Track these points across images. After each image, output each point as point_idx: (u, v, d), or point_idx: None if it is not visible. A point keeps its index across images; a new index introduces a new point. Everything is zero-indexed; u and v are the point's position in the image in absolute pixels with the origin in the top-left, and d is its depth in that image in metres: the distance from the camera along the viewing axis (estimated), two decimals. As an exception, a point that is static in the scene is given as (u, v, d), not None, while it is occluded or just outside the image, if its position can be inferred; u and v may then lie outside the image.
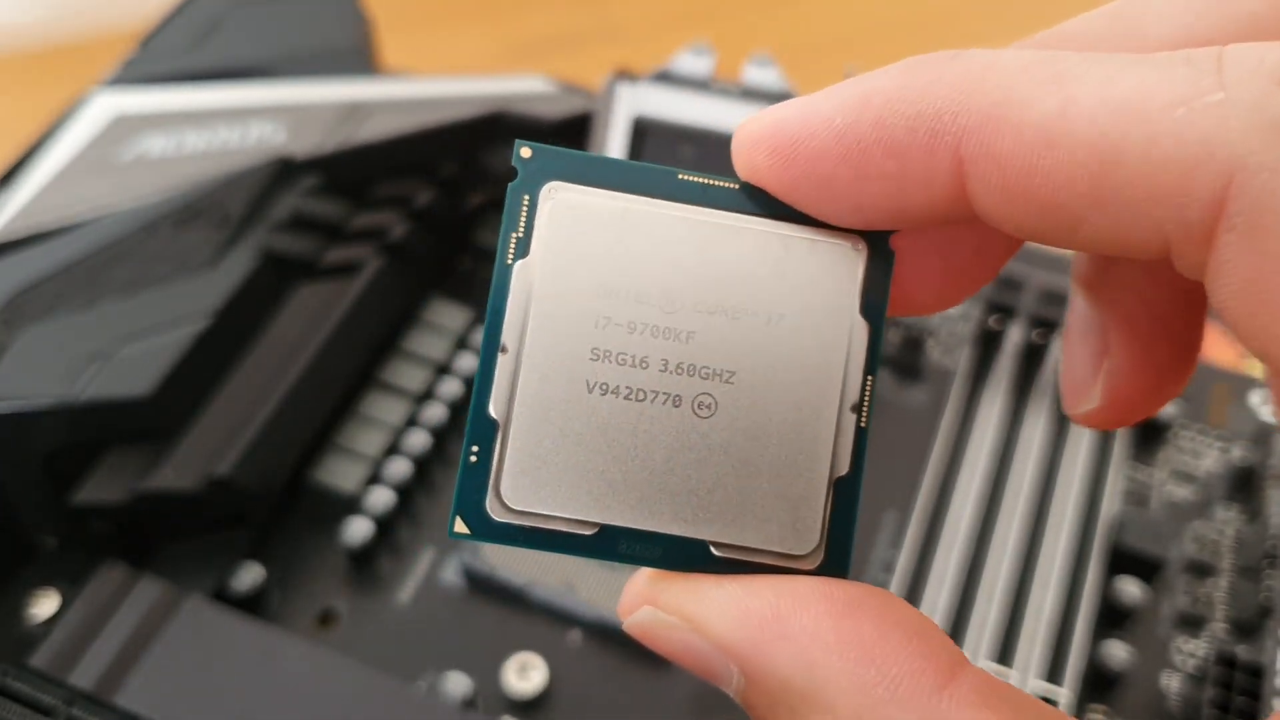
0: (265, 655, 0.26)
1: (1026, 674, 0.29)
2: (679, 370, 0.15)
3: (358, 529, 0.31)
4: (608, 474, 0.15)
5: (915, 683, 0.13)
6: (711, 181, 0.16)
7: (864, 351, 0.15)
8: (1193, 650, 0.30)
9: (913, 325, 0.37)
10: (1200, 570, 0.32)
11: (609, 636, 0.30)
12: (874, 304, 0.15)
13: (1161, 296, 0.17)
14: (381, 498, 0.31)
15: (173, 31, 0.41)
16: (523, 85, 0.38)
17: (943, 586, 0.30)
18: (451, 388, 0.34)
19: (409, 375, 0.34)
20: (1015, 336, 0.36)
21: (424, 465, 0.33)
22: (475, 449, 0.15)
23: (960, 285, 0.17)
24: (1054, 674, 0.29)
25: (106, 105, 0.38)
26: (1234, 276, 0.12)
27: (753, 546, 0.15)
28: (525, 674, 0.29)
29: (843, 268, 0.15)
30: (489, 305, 0.15)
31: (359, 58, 0.40)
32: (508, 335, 0.15)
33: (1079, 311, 0.18)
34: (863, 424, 0.15)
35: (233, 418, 0.30)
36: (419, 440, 0.33)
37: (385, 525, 0.31)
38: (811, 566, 0.15)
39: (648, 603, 0.15)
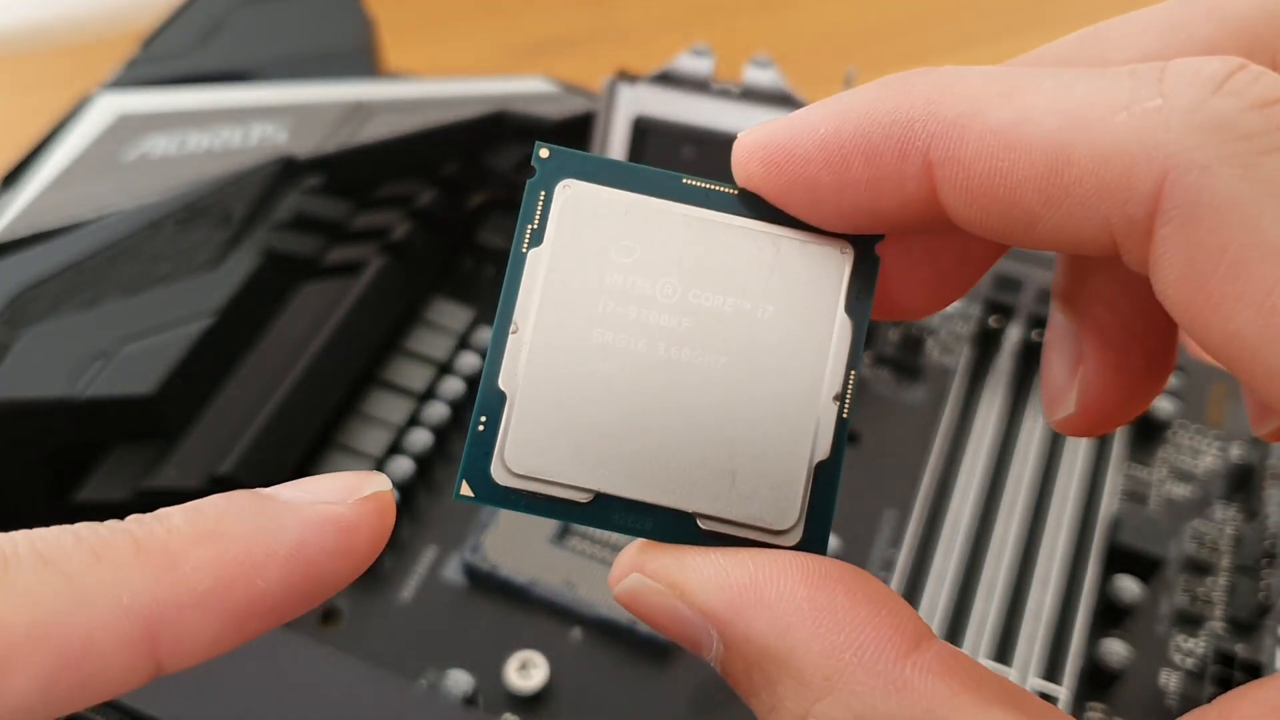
0: (267, 653, 0.26)
1: (1025, 672, 0.29)
2: (674, 354, 0.16)
3: (359, 527, 0.31)
4: (604, 447, 0.16)
5: (881, 649, 0.14)
6: (712, 186, 0.17)
7: (847, 346, 0.16)
8: (1191, 648, 0.30)
9: (912, 324, 0.37)
10: (1199, 568, 0.32)
11: (610, 634, 0.30)
12: (858, 303, 0.16)
13: (1133, 309, 0.18)
14: (383, 496, 0.31)
15: (175, 32, 0.41)
16: (524, 86, 0.38)
17: (942, 585, 0.30)
18: (453, 387, 0.34)
19: (411, 374, 0.35)
20: (1014, 336, 0.36)
21: (426, 464, 0.33)
22: (483, 419, 0.16)
23: (944, 291, 0.18)
24: (1052, 672, 0.29)
25: (109, 106, 0.38)
26: (1171, 267, 0.13)
27: (736, 521, 0.16)
28: (526, 671, 0.29)
29: (830, 268, 0.16)
30: (503, 288, 0.16)
31: (362, 59, 0.40)
32: (519, 316, 0.16)
33: (1057, 322, 0.19)
34: (844, 414, 0.16)
35: (235, 416, 0.30)
36: (421, 439, 0.33)
37: (387, 524, 0.31)
38: (791, 543, 0.16)
39: (636, 570, 0.16)
